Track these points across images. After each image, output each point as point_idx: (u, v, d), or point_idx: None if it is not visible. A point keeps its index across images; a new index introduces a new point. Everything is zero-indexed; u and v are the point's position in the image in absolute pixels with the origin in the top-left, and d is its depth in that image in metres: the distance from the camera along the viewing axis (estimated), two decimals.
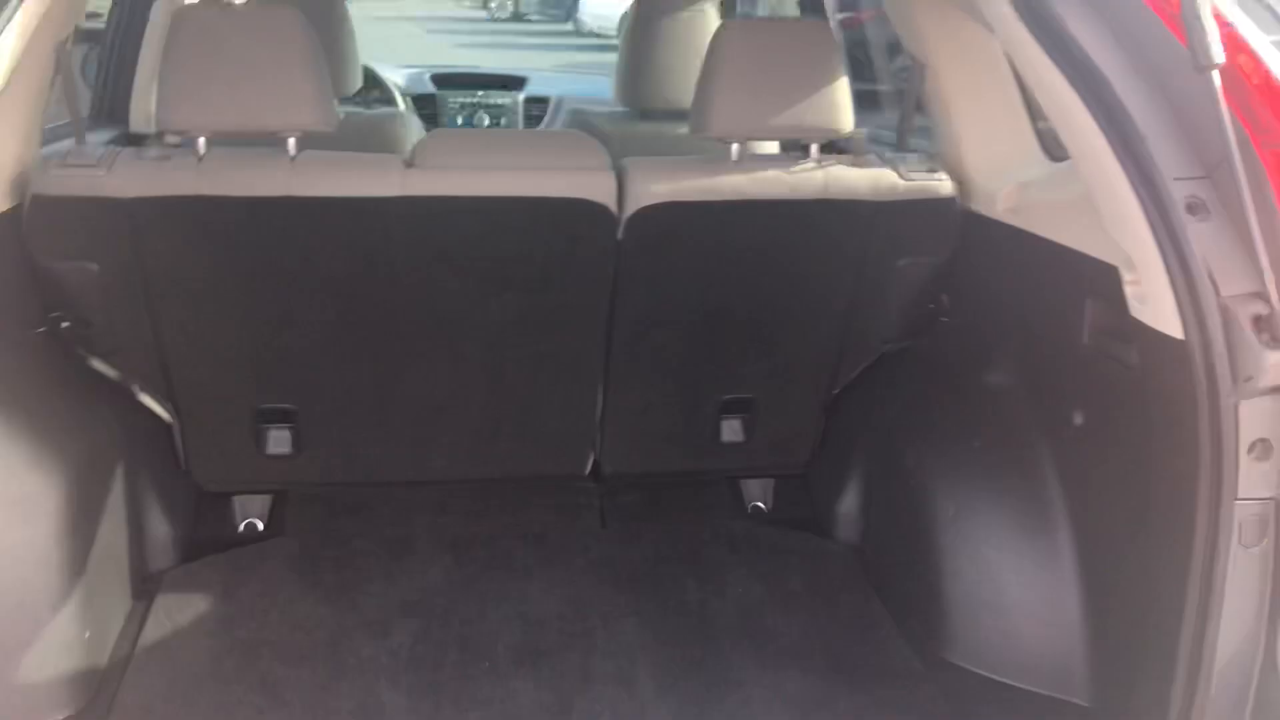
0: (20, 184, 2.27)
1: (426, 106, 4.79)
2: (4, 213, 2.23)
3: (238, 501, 2.76)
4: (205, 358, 2.51)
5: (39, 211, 2.23)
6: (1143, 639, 1.92)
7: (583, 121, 3.62)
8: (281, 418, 2.64)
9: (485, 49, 19.11)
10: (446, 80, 4.97)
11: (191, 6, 2.32)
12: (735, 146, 2.46)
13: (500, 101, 4.80)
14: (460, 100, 4.78)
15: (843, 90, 2.44)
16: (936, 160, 2.58)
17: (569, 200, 2.37)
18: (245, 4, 2.41)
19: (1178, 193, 1.60)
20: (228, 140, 2.35)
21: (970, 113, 2.55)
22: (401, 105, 4.69)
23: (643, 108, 3.54)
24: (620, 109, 3.63)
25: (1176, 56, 1.58)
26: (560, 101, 4.87)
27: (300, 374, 2.57)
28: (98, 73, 3.54)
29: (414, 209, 2.33)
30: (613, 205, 2.40)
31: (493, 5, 23.74)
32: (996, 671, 2.25)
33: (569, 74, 5.40)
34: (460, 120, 4.74)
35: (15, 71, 2.24)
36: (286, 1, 2.83)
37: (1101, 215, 1.77)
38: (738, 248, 2.51)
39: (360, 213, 2.32)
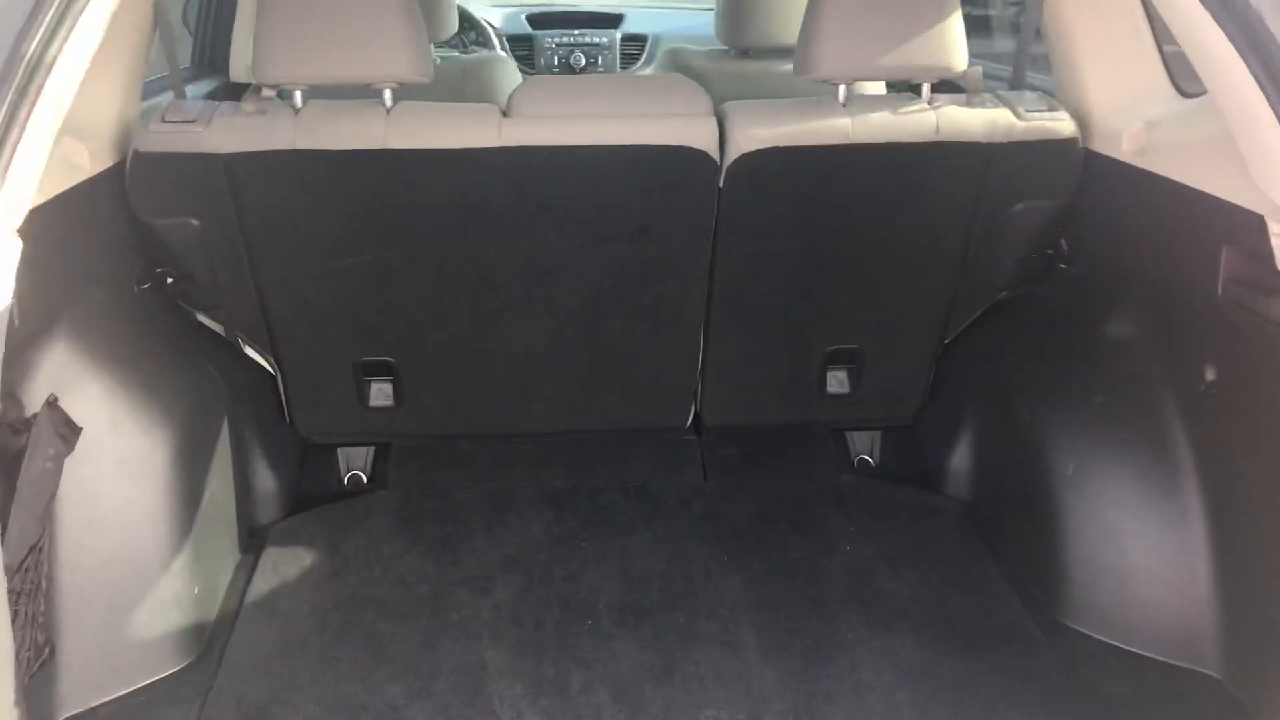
0: (122, 140, 2.27)
1: (522, 47, 4.73)
2: (107, 169, 2.24)
3: (341, 454, 2.77)
4: (305, 311, 2.51)
5: (140, 168, 2.23)
6: None
7: (680, 62, 3.52)
8: (382, 370, 2.63)
9: None
10: (542, 20, 4.89)
11: None
12: (842, 88, 2.35)
13: (596, 40, 4.71)
14: (556, 40, 4.71)
15: (956, 26, 2.30)
16: (1055, 98, 2.44)
17: (669, 147, 2.29)
18: None
19: None
20: (326, 93, 2.32)
21: (1093, 44, 2.39)
22: (498, 47, 4.63)
23: (744, 46, 3.43)
24: (720, 48, 3.52)
25: None
26: (657, 39, 4.77)
27: (400, 327, 2.56)
28: (198, 22, 3.54)
29: (511, 159, 2.27)
30: (714, 151, 2.31)
31: None
32: (1119, 638, 2.15)
33: (665, 12, 5.26)
34: (556, 60, 4.67)
35: (114, 26, 2.24)
36: None
37: (1246, 157, 1.63)
38: (844, 194, 2.41)
39: (457, 164, 2.27)
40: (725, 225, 2.42)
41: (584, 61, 4.67)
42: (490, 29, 4.72)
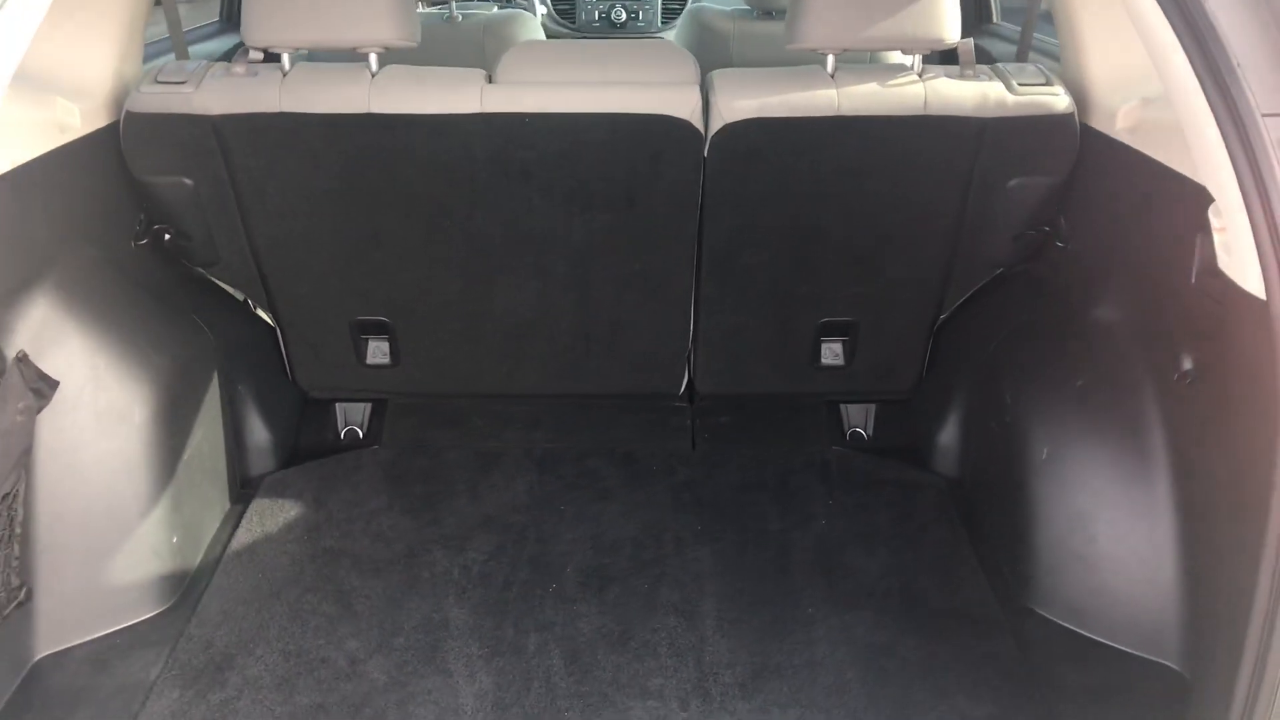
0: (118, 100, 2.33)
1: (563, 1, 4.71)
2: (104, 128, 2.30)
3: (340, 409, 2.84)
4: (300, 271, 2.56)
5: (133, 127, 2.29)
6: (1244, 607, 1.77)
7: (701, 21, 3.48)
8: (379, 329, 2.68)
9: None
10: None
11: None
12: (830, 58, 2.31)
13: None
14: None
15: None
16: (1054, 72, 2.37)
17: (651, 116, 2.28)
18: None
19: (1272, 131, 1.39)
20: (320, 55, 2.35)
21: (1096, 18, 2.32)
22: (537, 1, 4.62)
23: (766, 7, 3.38)
24: (743, 8, 3.47)
25: None
26: None
27: (393, 288, 2.60)
28: None
29: (493, 125, 2.29)
30: (698, 121, 2.30)
31: None
32: (1082, 625, 2.12)
33: None
34: (597, 15, 4.66)
35: None
36: None
37: (1190, 151, 1.57)
38: (832, 166, 2.37)
39: (440, 129, 2.29)
40: (711, 195, 2.41)
41: (624, 16, 4.65)
42: None
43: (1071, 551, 2.15)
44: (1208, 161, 1.48)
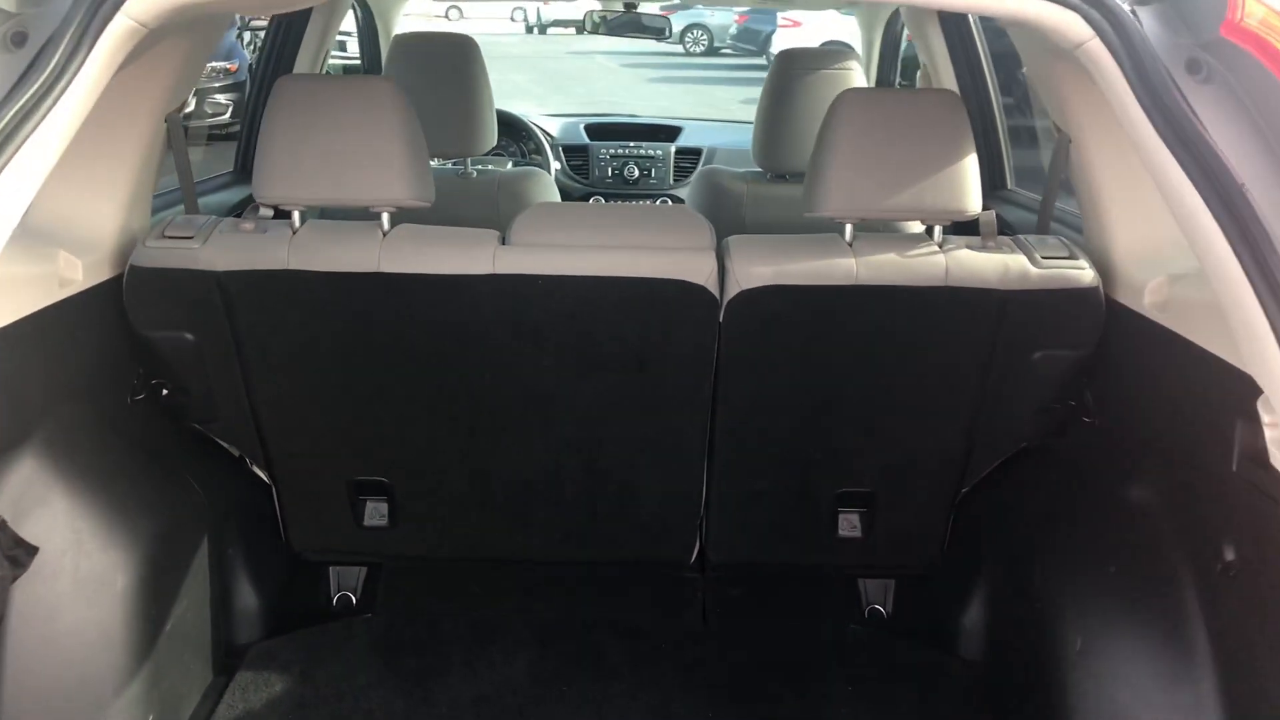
0: (123, 253, 2.29)
1: (578, 157, 4.75)
2: (106, 281, 2.25)
3: (334, 572, 2.72)
4: (300, 429, 2.48)
5: (136, 282, 2.24)
6: None
7: (713, 182, 3.47)
8: (378, 490, 2.58)
9: (675, 83, 19.28)
10: (600, 131, 4.92)
11: (292, 77, 2.30)
12: (848, 227, 2.27)
13: (651, 153, 4.73)
14: (611, 152, 4.73)
15: (971, 168, 2.22)
16: (1078, 244, 2.32)
17: (667, 281, 2.23)
18: (345, 76, 2.39)
19: None
20: (331, 213, 2.32)
21: (1120, 192, 2.28)
22: (552, 158, 4.66)
23: (778, 170, 3.38)
24: (755, 170, 3.47)
25: None
26: (713, 152, 4.76)
27: (395, 448, 2.51)
28: (242, 125, 3.62)
29: (504, 286, 2.23)
30: (713, 286, 2.24)
31: (687, 41, 23.92)
32: None
33: (726, 125, 5.26)
34: (610, 172, 4.69)
35: (117, 144, 2.27)
36: (403, 74, 2.79)
37: (1233, 337, 1.50)
38: (850, 335, 2.31)
39: (451, 289, 2.24)
40: (726, 361, 2.34)
41: (637, 174, 4.69)
42: (545, 139, 4.76)
43: None
44: (1257, 352, 1.41)
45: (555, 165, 4.68)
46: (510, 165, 4.53)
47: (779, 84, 3.30)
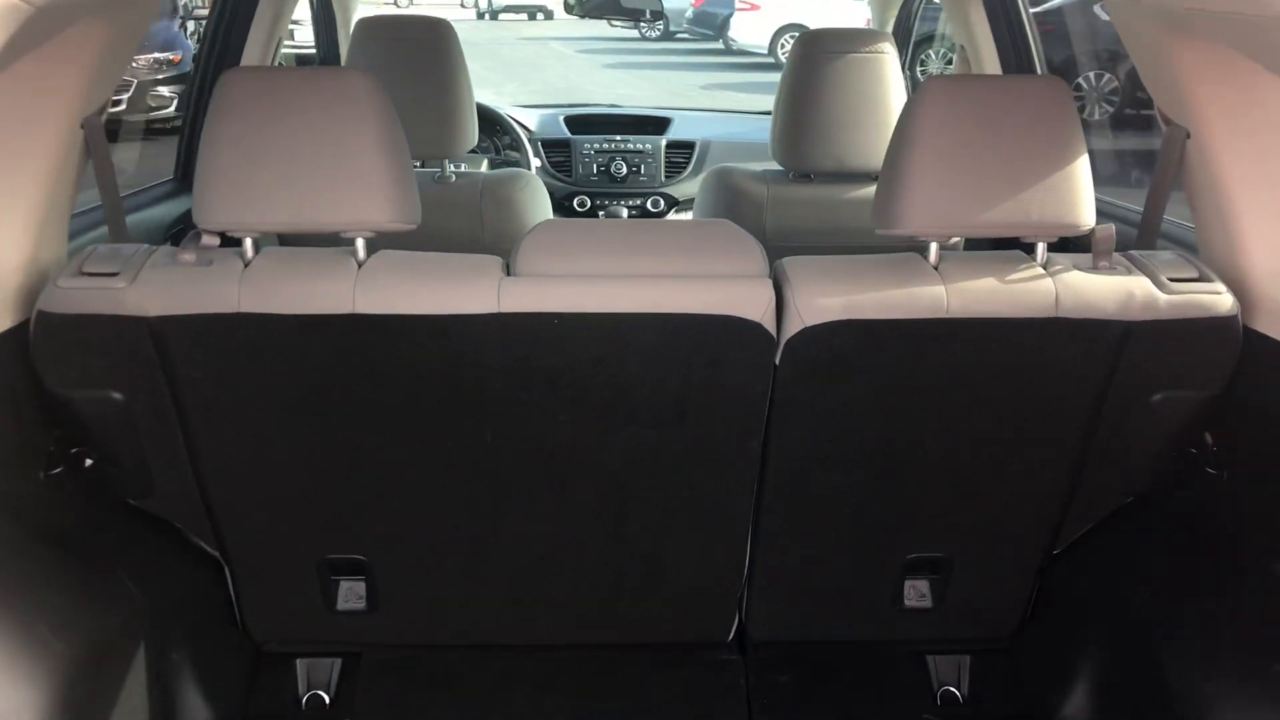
0: (28, 296, 1.82)
1: (558, 153, 4.31)
2: (9, 331, 1.79)
3: (302, 666, 2.26)
4: (259, 501, 2.03)
5: (48, 330, 1.78)
6: None
7: (728, 184, 3.03)
8: (354, 569, 2.14)
9: (631, 69, 18.85)
10: (581, 123, 4.47)
11: (240, 70, 1.84)
12: (934, 247, 1.86)
13: (640, 147, 4.29)
14: (595, 146, 4.29)
15: (1083, 172, 1.82)
16: (1198, 259, 1.93)
17: (711, 317, 1.81)
18: (307, 69, 1.94)
19: None
20: (292, 238, 1.88)
21: (1256, 197, 1.89)
22: (531, 154, 4.21)
23: (804, 169, 2.95)
24: (775, 168, 3.04)
25: None
26: (707, 146, 4.33)
27: (375, 520, 2.07)
28: (183, 125, 3.14)
29: (512, 327, 1.80)
30: (769, 323, 1.82)
31: (643, 26, 23.44)
32: None
33: (718, 115, 4.85)
34: (595, 169, 4.25)
35: (20, 156, 1.81)
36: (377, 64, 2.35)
37: None
38: (933, 376, 1.90)
39: (445, 333, 1.80)
40: (781, 409, 1.92)
41: (625, 170, 4.24)
42: (524, 132, 4.31)
43: None
44: None
45: (535, 162, 4.23)
46: (486, 164, 4.08)
47: (801, 70, 2.87)
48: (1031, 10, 3.13)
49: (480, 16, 29.41)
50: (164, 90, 9.59)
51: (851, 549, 2.15)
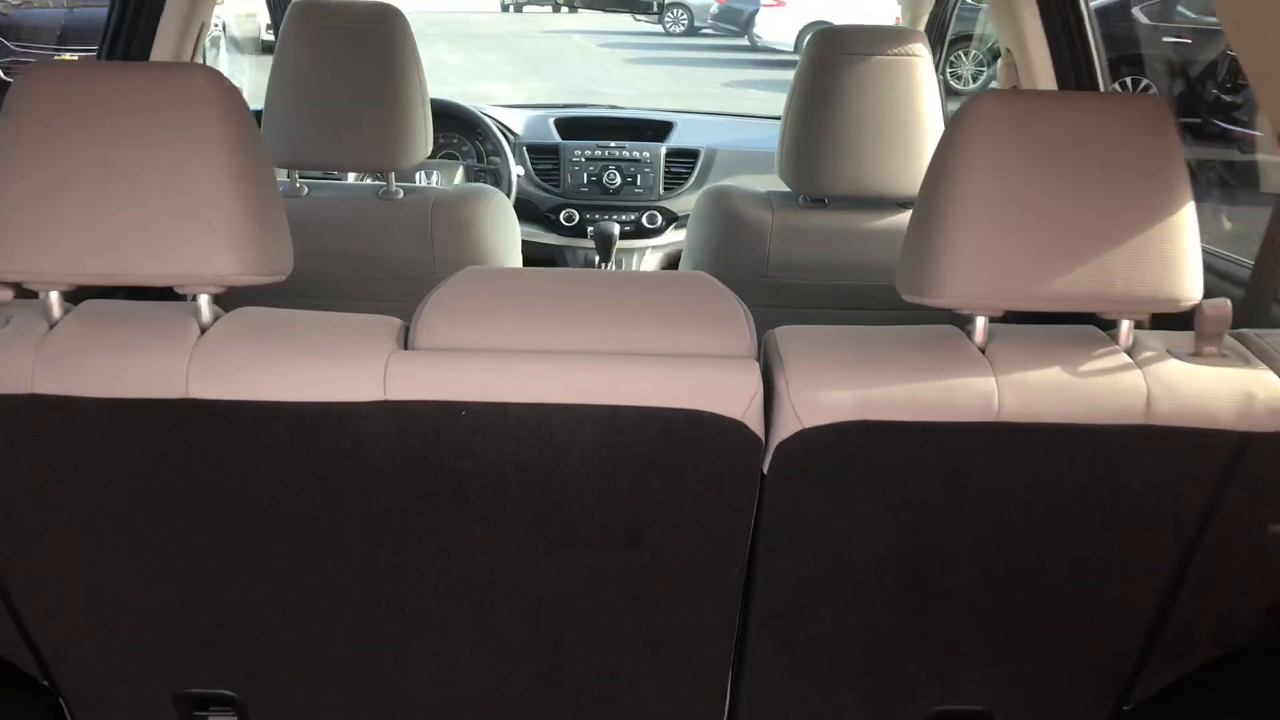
0: None
1: (546, 160, 3.82)
2: None
3: None
4: (85, 625, 1.56)
5: None
6: None
7: (727, 207, 2.53)
8: (219, 703, 1.67)
9: (653, 64, 18.41)
10: (574, 126, 3.98)
11: (45, 66, 1.37)
12: (981, 322, 1.37)
13: (637, 155, 3.80)
14: (587, 153, 3.80)
15: (1189, 227, 1.33)
16: None
17: (678, 412, 1.33)
18: (137, 65, 1.47)
19: None
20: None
21: None
22: (513, 161, 3.74)
23: (816, 193, 2.45)
24: (781, 190, 2.54)
25: None
26: (713, 155, 3.84)
27: (240, 649, 1.60)
28: None
29: (408, 418, 1.33)
30: (755, 421, 1.34)
31: (667, 21, 22.99)
32: None
33: (726, 120, 4.36)
34: (586, 178, 3.77)
35: None
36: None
37: None
38: (978, 495, 1.41)
39: (315, 426, 1.33)
40: (771, 530, 1.44)
41: (619, 180, 3.75)
42: (506, 137, 3.82)
43: None
44: None
45: (518, 170, 3.75)
46: (461, 173, 3.61)
47: (815, 74, 2.38)
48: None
49: (504, 9, 29.14)
50: None
51: (862, 700, 1.66)
